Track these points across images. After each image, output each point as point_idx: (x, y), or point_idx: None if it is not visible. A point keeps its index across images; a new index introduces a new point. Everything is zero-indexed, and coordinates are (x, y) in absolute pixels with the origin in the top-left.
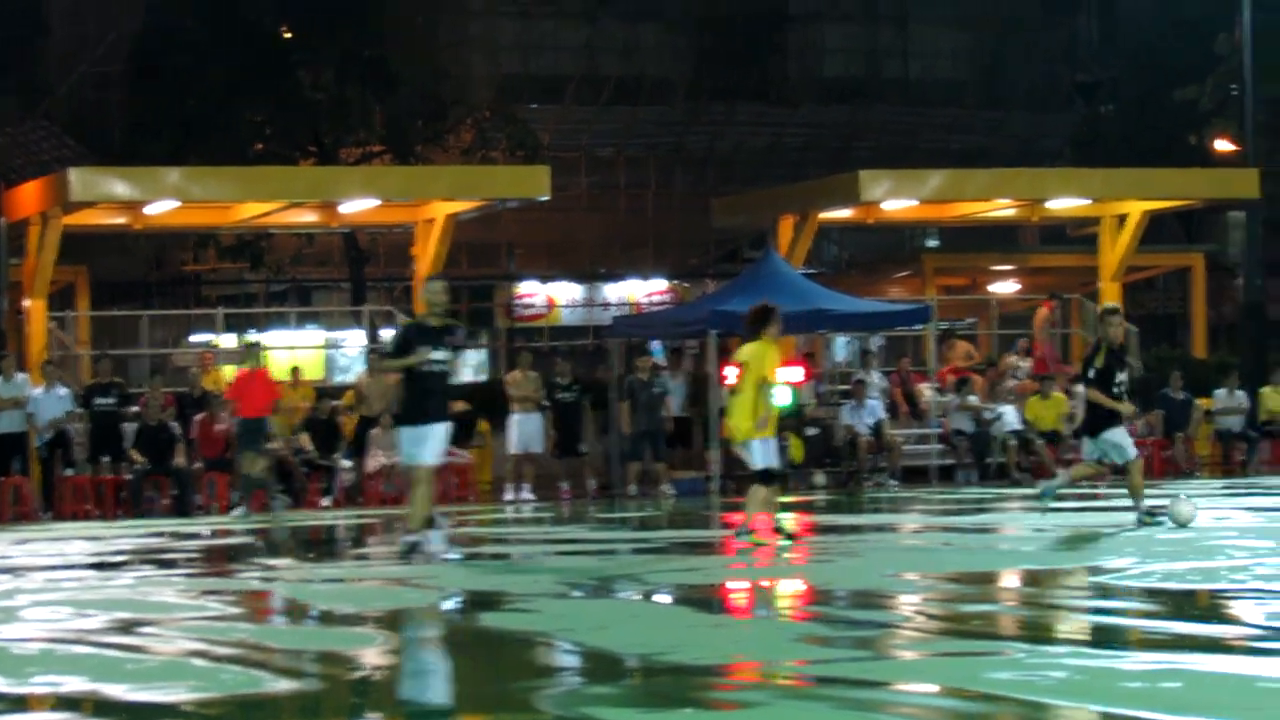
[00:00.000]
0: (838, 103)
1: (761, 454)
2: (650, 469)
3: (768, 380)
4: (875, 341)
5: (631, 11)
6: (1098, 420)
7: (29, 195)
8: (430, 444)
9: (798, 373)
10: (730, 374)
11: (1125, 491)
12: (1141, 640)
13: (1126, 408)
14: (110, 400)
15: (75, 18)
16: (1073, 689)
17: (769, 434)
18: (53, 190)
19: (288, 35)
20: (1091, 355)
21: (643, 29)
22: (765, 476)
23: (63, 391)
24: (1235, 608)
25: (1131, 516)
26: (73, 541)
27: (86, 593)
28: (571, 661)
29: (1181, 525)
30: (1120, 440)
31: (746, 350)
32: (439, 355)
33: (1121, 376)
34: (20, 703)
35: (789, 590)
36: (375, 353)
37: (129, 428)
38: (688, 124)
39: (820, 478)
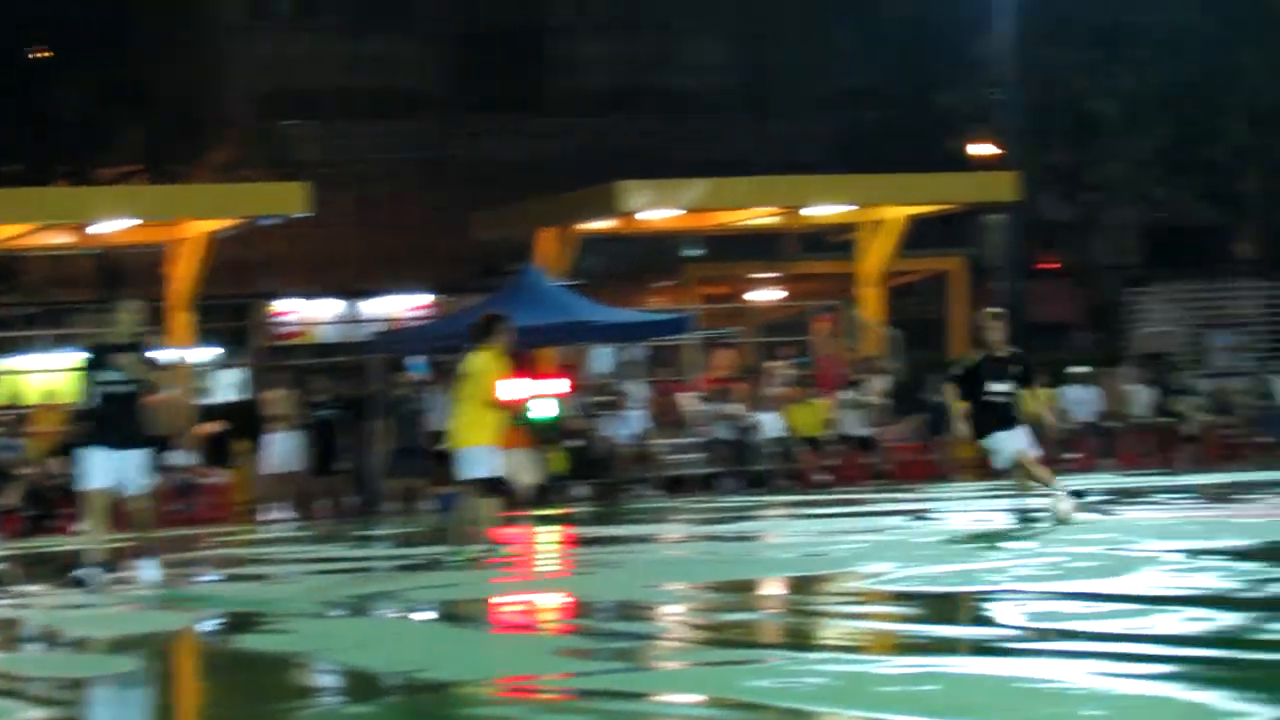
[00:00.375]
0: (597, 113)
1: (480, 464)
2: (411, 485)
3: (489, 391)
4: (636, 352)
5: (389, 25)
6: (981, 424)
7: None
8: (130, 469)
9: (562, 384)
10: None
11: (885, 495)
12: (900, 644)
13: (957, 427)
14: None
15: None
16: (832, 695)
17: (488, 442)
18: None
19: (42, 56)
20: (963, 358)
21: (401, 43)
22: (487, 486)
23: None
24: (993, 609)
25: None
26: None
27: None
28: (330, 681)
29: (1063, 522)
30: (995, 446)
31: (472, 361)
32: (116, 376)
33: (998, 386)
34: None
35: (550, 604)
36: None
37: None
38: (447, 137)
39: (583, 489)
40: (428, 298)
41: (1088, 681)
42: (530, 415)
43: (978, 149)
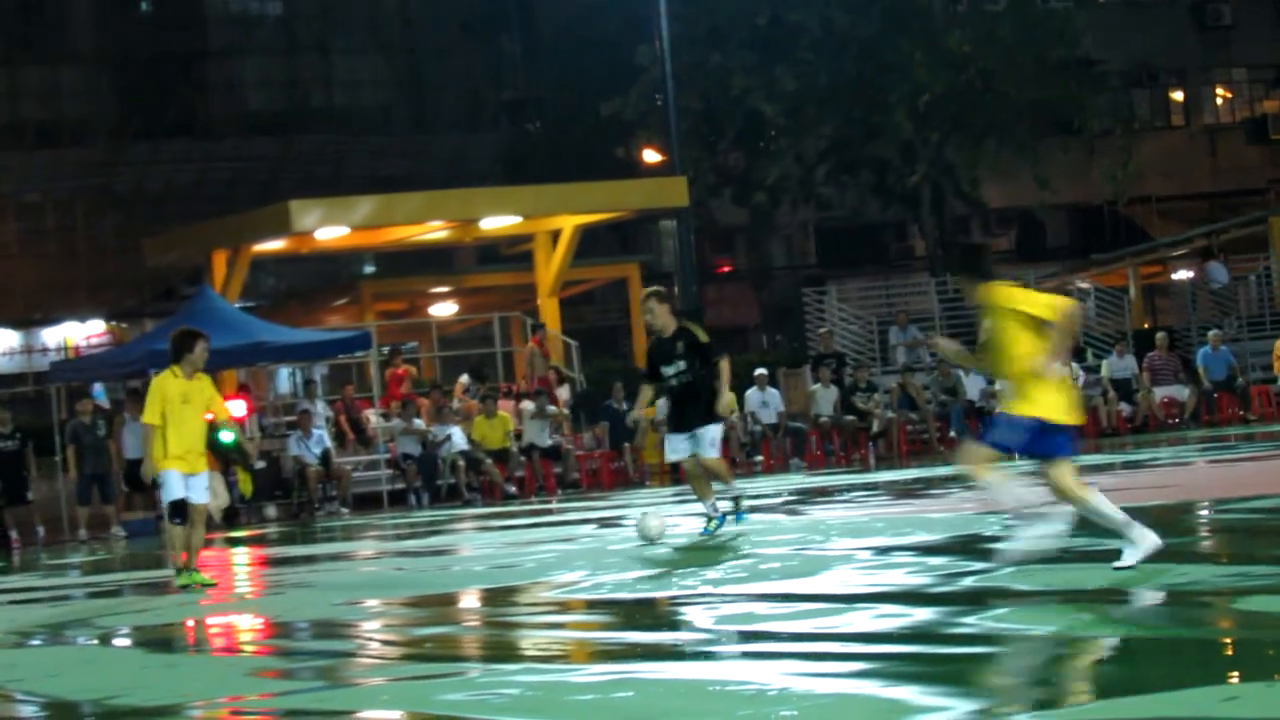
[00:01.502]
0: (263, 134)
1: (174, 487)
2: (99, 512)
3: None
4: (318, 370)
5: (49, 54)
6: (670, 416)
7: None
8: None
9: (240, 406)
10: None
11: (574, 504)
12: (594, 652)
13: (636, 413)
14: None
15: None
16: (527, 705)
17: (187, 467)
18: None
19: None
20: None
21: (62, 71)
22: (174, 511)
23: None
24: (684, 613)
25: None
26: None
27: None
28: (25, 711)
29: (650, 540)
30: (667, 445)
31: (169, 383)
32: None
33: (670, 369)
34: None
35: (246, 625)
36: None
37: None
38: (113, 164)
39: (271, 510)
40: (104, 325)
41: (782, 681)
42: (218, 438)
43: (647, 156)
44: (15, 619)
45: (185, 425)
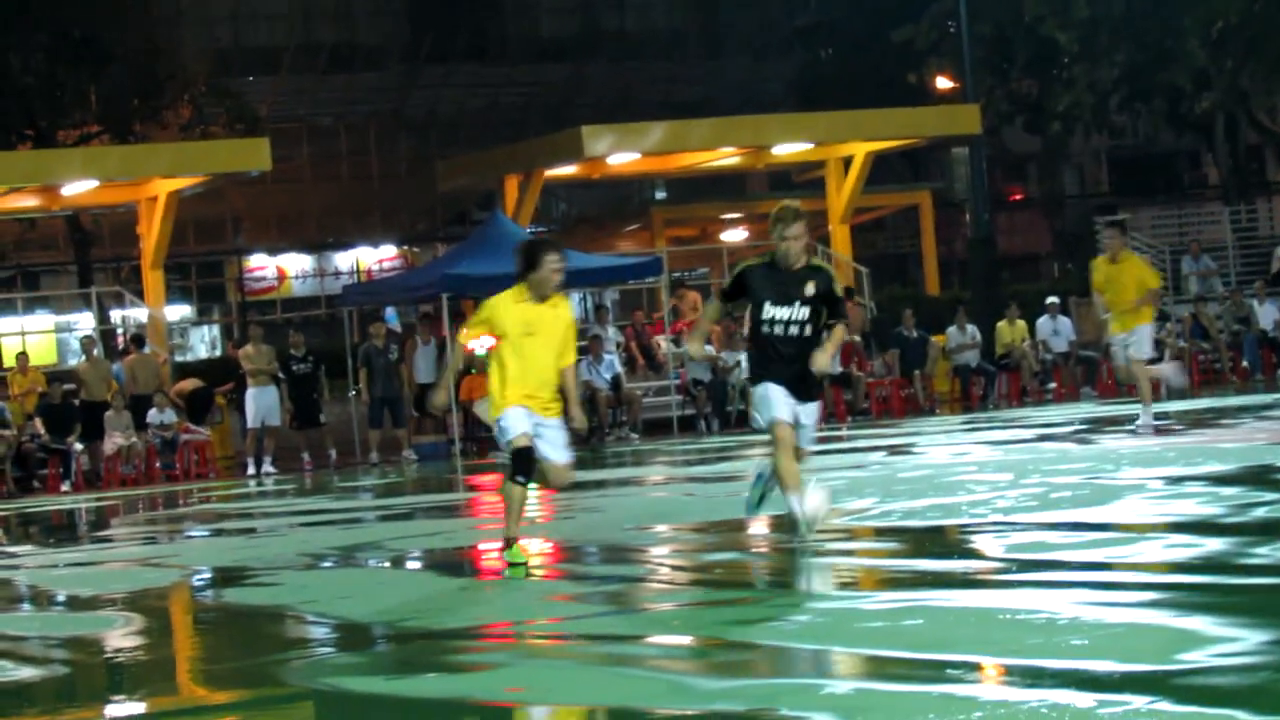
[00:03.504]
0: (555, 60)
1: (516, 424)
2: (391, 435)
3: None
4: (609, 296)
5: None
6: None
7: None
8: None
9: None
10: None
11: (863, 432)
12: (883, 580)
13: (694, 347)
14: None
15: None
16: (817, 632)
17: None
18: None
19: None
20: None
21: None
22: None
23: None
24: (975, 542)
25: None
26: None
27: None
28: (317, 633)
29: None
30: (758, 399)
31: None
32: None
33: (779, 313)
34: None
35: (535, 549)
36: (89, 338)
37: None
38: (406, 88)
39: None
40: (396, 249)
41: (1073, 610)
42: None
43: (940, 83)
44: (307, 541)
45: (529, 360)
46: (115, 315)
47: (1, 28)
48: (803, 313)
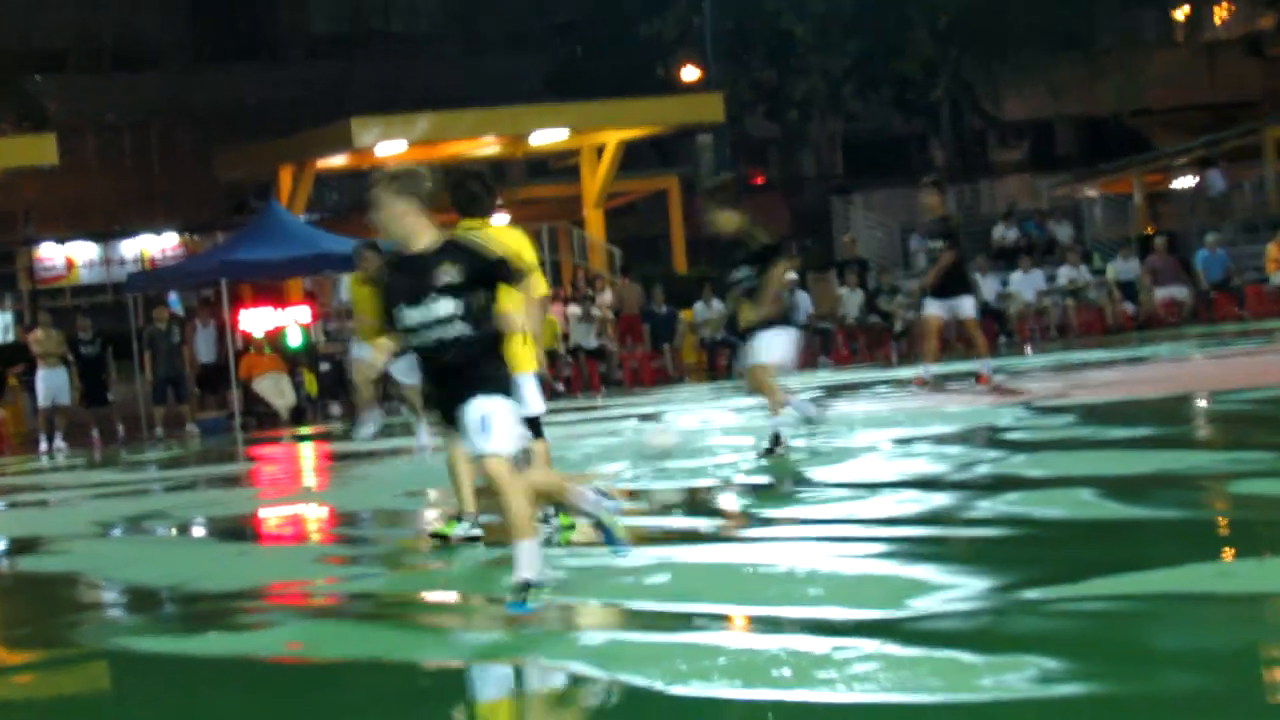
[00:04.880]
0: (327, 57)
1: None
2: (174, 411)
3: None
4: None
5: None
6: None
7: None
8: None
9: (305, 313)
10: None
11: (617, 401)
12: (634, 537)
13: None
14: None
15: None
16: (573, 587)
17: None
18: None
19: None
20: None
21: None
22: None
23: None
24: (717, 501)
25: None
26: None
27: None
28: (108, 597)
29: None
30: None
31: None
32: None
33: (412, 316)
34: None
35: (311, 515)
36: None
37: None
38: (187, 85)
39: (335, 408)
40: (178, 237)
41: (809, 563)
42: (285, 342)
43: (685, 74)
44: (99, 511)
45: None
46: None
47: None
48: (444, 308)
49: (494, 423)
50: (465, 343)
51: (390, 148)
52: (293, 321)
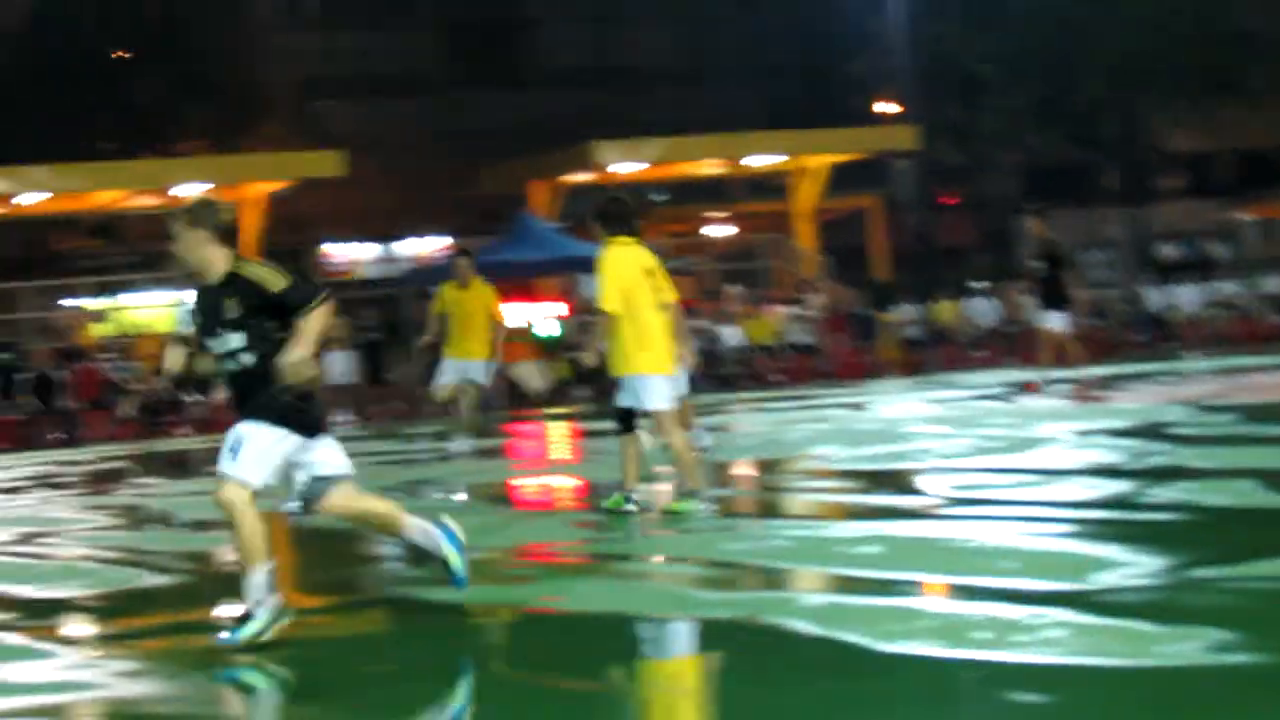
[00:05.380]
0: (573, 87)
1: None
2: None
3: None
4: None
5: (399, 20)
6: None
7: None
8: None
9: (561, 308)
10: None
11: (828, 391)
12: (848, 512)
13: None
14: (5, 356)
15: None
16: (794, 554)
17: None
18: None
19: (124, 55)
20: None
21: (409, 34)
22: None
23: None
24: (922, 482)
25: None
26: None
27: None
28: (391, 551)
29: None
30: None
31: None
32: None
33: (214, 346)
34: None
35: (563, 485)
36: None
37: (20, 378)
38: (454, 110)
39: (583, 391)
40: (446, 240)
41: (1002, 539)
42: (537, 333)
43: (884, 107)
44: (378, 476)
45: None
46: None
47: (127, 64)
48: (233, 341)
49: (245, 449)
50: (249, 373)
51: (627, 167)
52: (544, 315)
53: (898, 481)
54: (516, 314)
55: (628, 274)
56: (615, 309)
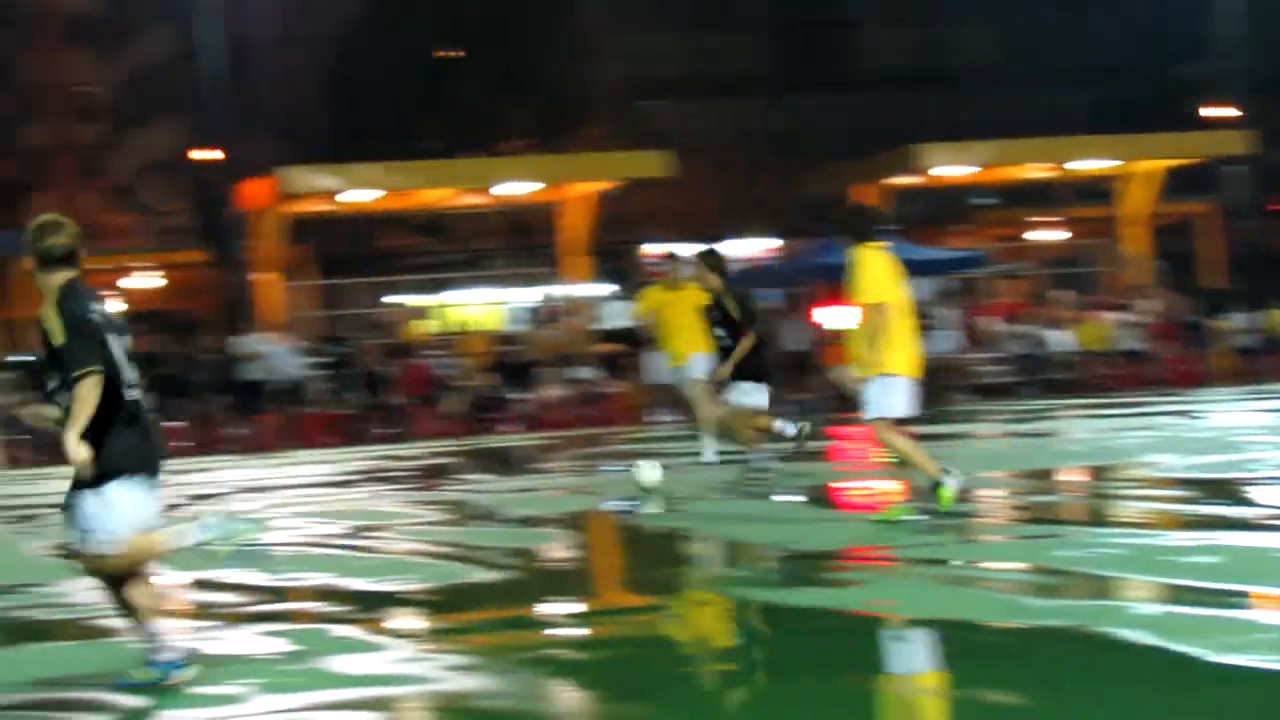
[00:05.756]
0: (897, 88)
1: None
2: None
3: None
4: (946, 282)
5: (723, 20)
6: None
7: (255, 190)
8: None
9: None
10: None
11: (1159, 398)
12: (1182, 521)
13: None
14: (336, 351)
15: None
16: (1127, 563)
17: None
18: (272, 185)
19: (450, 55)
20: None
21: (733, 35)
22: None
23: (295, 346)
24: (1256, 493)
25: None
26: (312, 465)
27: (326, 505)
28: (714, 551)
29: (645, 490)
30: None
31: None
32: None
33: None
34: (278, 593)
35: (889, 489)
36: (541, 308)
37: (350, 373)
38: (777, 111)
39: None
40: (773, 242)
41: None
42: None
43: (1218, 111)
44: (704, 477)
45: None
46: (546, 291)
47: (453, 63)
48: (53, 380)
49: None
50: (66, 417)
51: (952, 170)
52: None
53: (1231, 491)
54: (839, 317)
55: (883, 276)
56: (878, 300)
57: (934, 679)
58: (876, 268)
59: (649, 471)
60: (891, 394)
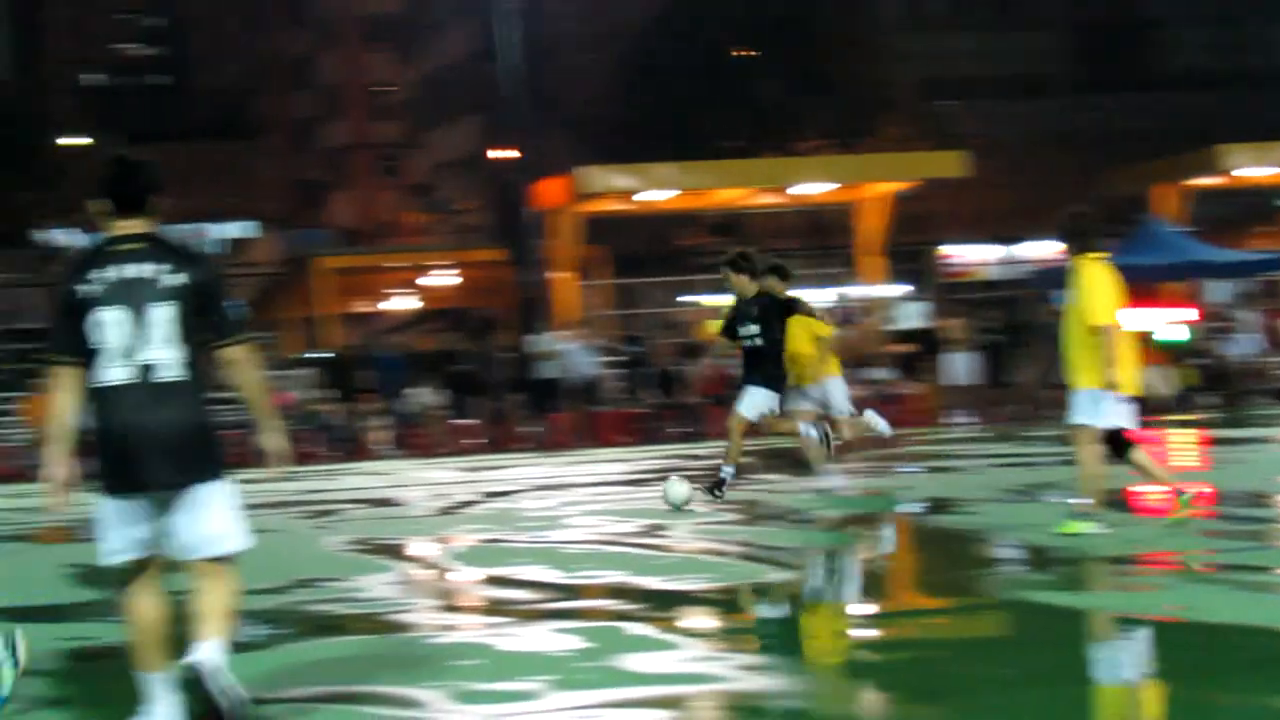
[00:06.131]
0: (1198, 88)
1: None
2: (1053, 396)
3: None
4: (1248, 285)
5: (1021, 20)
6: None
7: (551, 189)
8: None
9: (1191, 313)
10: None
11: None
12: None
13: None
14: (631, 350)
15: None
16: None
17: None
18: (569, 184)
19: (748, 54)
20: None
21: (1031, 35)
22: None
23: (589, 345)
24: None
25: None
26: (605, 463)
27: (619, 503)
28: (1010, 554)
29: (676, 506)
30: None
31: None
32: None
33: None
34: (571, 591)
35: (1189, 492)
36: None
37: (644, 372)
38: (1074, 111)
39: (1211, 399)
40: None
41: None
42: (1159, 338)
43: None
44: (998, 478)
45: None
46: (841, 292)
47: (752, 63)
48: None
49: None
50: None
51: (1255, 171)
52: (1169, 320)
53: None
54: (1141, 319)
55: (1112, 294)
56: (1112, 321)
57: (1228, 686)
58: (1105, 286)
59: (678, 487)
60: (1112, 410)
